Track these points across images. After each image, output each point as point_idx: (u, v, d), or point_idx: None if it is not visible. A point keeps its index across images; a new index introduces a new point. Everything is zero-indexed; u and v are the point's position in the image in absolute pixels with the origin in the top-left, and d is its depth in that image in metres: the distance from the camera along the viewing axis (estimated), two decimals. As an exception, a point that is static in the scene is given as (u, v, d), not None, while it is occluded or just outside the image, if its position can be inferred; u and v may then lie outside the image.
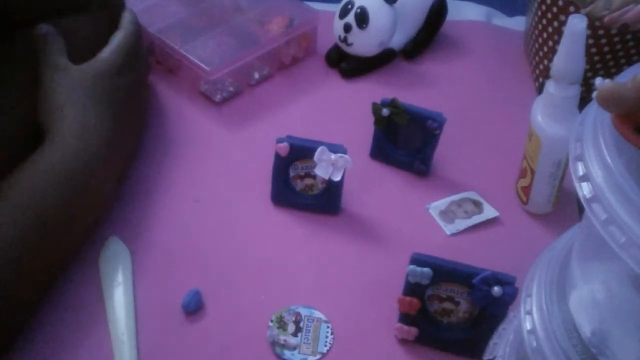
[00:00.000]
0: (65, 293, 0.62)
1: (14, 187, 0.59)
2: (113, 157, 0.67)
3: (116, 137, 0.67)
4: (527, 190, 0.69)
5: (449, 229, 0.69)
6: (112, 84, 0.69)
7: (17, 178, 0.60)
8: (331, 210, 0.70)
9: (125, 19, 0.74)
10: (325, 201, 0.69)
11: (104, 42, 0.72)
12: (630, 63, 0.77)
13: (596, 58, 0.77)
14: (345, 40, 0.83)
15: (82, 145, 0.63)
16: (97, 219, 0.67)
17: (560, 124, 0.63)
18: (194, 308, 0.61)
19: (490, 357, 0.48)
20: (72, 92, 0.66)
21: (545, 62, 0.81)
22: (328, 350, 0.59)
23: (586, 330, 0.39)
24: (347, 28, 0.82)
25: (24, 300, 0.59)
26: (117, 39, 0.72)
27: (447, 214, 0.70)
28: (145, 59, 0.78)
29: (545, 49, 0.80)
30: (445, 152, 0.74)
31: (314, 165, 0.66)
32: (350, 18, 0.82)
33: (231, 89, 0.82)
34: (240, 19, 0.86)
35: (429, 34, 0.89)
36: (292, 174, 0.69)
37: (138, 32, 0.75)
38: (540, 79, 0.82)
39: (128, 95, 0.70)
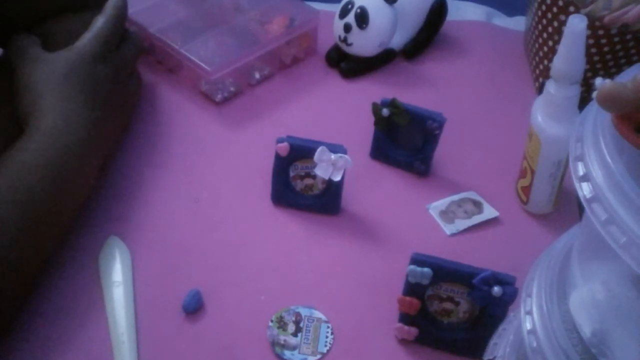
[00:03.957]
0: (65, 293, 0.62)
1: None
2: (94, 145, 0.66)
3: (97, 124, 0.66)
4: (527, 190, 0.69)
5: (449, 229, 0.69)
6: (91, 70, 0.68)
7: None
8: (331, 210, 0.70)
9: (109, 4, 0.72)
10: (325, 201, 0.69)
11: None
12: (630, 63, 0.77)
13: (596, 58, 0.77)
14: (345, 40, 0.83)
15: (62, 135, 0.63)
16: (81, 208, 0.67)
17: (560, 124, 0.63)
18: (194, 308, 0.61)
19: (490, 357, 0.48)
20: (49, 81, 0.65)
21: (545, 62, 0.81)
22: (328, 350, 0.59)
23: (586, 330, 0.39)
24: (347, 28, 0.82)
25: (12, 293, 0.58)
26: (97, 24, 0.70)
27: (447, 214, 0.70)
28: (133, 44, 0.75)
29: (545, 49, 0.80)
30: (445, 152, 0.74)
31: (314, 165, 0.66)
32: (350, 18, 0.82)
33: (232, 88, 0.82)
34: (240, 19, 0.86)
35: (429, 34, 0.89)
36: (292, 174, 0.69)
37: (120, 16, 0.73)
38: (540, 79, 0.82)
39: (109, 82, 0.70)
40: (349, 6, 0.82)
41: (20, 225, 0.58)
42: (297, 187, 0.69)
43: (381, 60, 0.86)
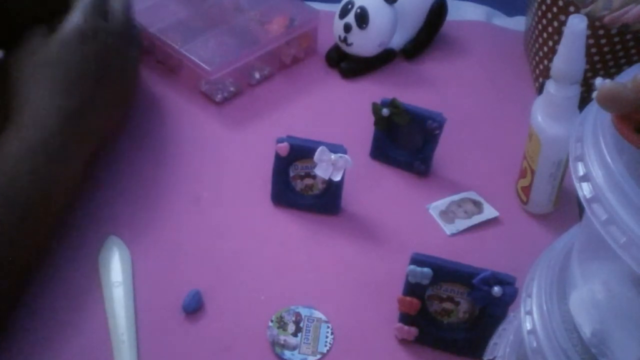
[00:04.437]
0: (64, 293, 0.62)
1: None
2: (81, 134, 0.65)
3: (82, 113, 0.65)
4: (527, 190, 0.69)
5: (449, 229, 0.69)
6: (77, 53, 0.66)
7: None
8: (331, 210, 0.70)
9: None
10: (325, 201, 0.69)
11: None
12: (630, 63, 0.77)
13: (596, 58, 0.77)
14: (345, 40, 0.83)
15: (40, 126, 0.62)
16: (74, 201, 0.66)
17: (560, 124, 0.63)
18: (194, 308, 0.61)
19: (490, 357, 0.48)
20: (35, 68, 0.65)
21: (545, 62, 0.81)
22: (328, 350, 0.59)
23: (586, 330, 0.39)
24: (347, 28, 0.82)
25: (5, 290, 0.58)
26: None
27: (447, 214, 0.70)
28: (126, 19, 0.73)
29: (545, 49, 0.80)
30: (445, 152, 0.74)
31: (314, 165, 0.66)
32: (350, 18, 0.82)
33: (232, 88, 0.82)
34: (240, 19, 0.86)
35: (429, 34, 0.89)
36: (292, 174, 0.69)
37: None
38: (540, 79, 0.82)
39: (100, 64, 0.68)
40: (349, 6, 0.82)
41: (10, 219, 0.57)
42: (297, 187, 0.69)
43: (381, 60, 0.86)
